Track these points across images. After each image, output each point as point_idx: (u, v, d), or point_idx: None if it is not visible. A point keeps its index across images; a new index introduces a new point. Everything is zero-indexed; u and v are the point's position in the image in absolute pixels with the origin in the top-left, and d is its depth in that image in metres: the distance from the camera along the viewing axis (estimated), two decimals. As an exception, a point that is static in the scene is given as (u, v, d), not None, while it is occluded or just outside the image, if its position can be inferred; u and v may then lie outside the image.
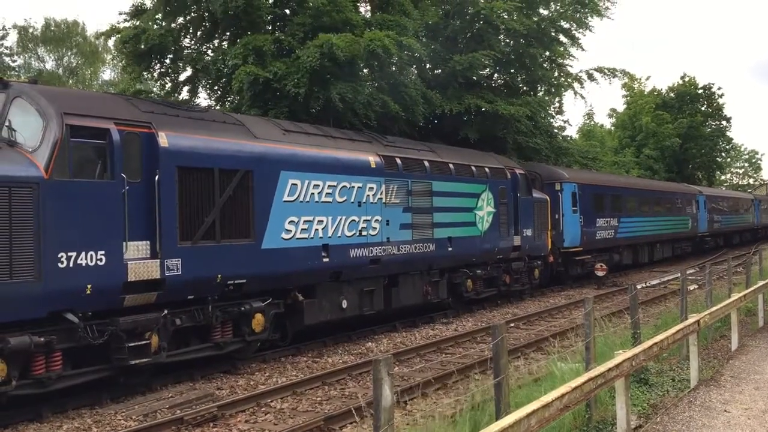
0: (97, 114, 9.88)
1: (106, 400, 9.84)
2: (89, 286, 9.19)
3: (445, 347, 13.83)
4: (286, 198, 12.48)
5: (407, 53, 20.20)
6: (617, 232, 27.73)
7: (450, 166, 17.45)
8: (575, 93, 30.28)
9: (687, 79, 59.84)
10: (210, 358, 11.51)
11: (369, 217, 14.43)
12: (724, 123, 61.25)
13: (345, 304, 13.94)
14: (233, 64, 18.22)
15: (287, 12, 20.43)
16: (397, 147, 16.33)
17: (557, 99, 31.21)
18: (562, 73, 29.83)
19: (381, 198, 14.82)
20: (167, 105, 12.04)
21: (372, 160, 14.83)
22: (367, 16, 21.98)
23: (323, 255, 13.21)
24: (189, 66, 20.76)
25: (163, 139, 10.43)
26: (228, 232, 11.35)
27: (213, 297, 11.13)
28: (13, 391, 8.57)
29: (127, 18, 20.19)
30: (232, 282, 11.31)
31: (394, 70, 20.34)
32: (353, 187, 14.07)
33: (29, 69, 49.98)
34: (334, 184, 13.58)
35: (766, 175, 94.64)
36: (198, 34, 20.87)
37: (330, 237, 13.38)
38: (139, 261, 9.91)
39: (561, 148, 30.29)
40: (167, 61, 20.39)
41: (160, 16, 19.74)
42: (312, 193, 13.05)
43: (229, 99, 20.89)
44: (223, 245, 11.21)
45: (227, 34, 20.56)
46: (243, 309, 11.62)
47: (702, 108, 59.49)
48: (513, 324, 16.19)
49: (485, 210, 18.54)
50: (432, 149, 17.81)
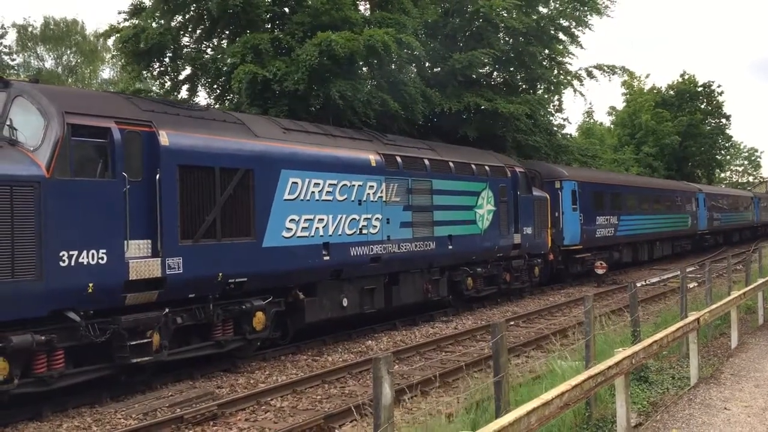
0: (98, 113, 9.90)
1: (106, 398, 9.85)
2: (91, 284, 9.22)
3: (445, 345, 13.86)
4: (286, 196, 12.50)
5: (407, 51, 20.21)
6: (617, 230, 27.75)
7: (450, 164, 17.47)
8: (575, 91, 30.37)
9: (686, 77, 59.86)
10: (210, 356, 11.53)
11: (369, 216, 14.45)
12: (723, 121, 61.31)
13: (346, 302, 13.97)
14: (232, 62, 18.23)
15: (286, 10, 20.43)
16: (398, 145, 16.35)
17: (557, 97, 31.29)
18: (561, 71, 29.87)
19: (381, 196, 14.84)
20: (168, 104, 12.05)
21: (372, 158, 14.85)
22: (367, 14, 22.01)
23: (324, 253, 13.23)
24: (188, 65, 20.76)
25: (164, 138, 10.45)
26: (229, 230, 11.37)
27: (214, 295, 11.15)
28: (16, 390, 8.59)
29: (127, 17, 20.19)
30: (233, 280, 11.33)
31: (393, 68, 20.36)
32: (354, 186, 14.09)
33: (28, 68, 49.93)
34: (334, 182, 13.60)
35: (765, 173, 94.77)
36: (197, 32, 20.87)
37: (331, 235, 13.40)
38: (141, 260, 9.93)
39: (560, 146, 30.33)
40: (166, 60, 20.38)
41: (159, 14, 19.71)
42: (312, 192, 13.07)
43: (229, 98, 20.90)
44: (224, 244, 11.24)
45: (226, 32, 20.56)
46: (244, 307, 11.64)
47: (701, 106, 59.51)
48: (513, 322, 16.21)
49: (485, 208, 18.56)
50: (432, 147, 17.83)
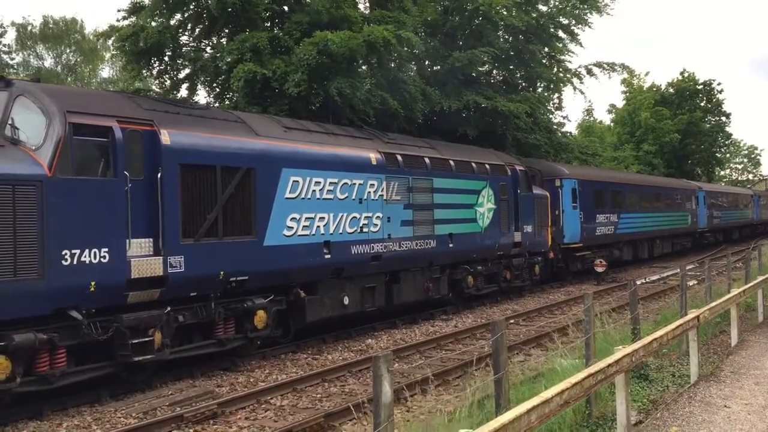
0: (100, 112, 9.92)
1: (105, 397, 9.85)
2: (93, 283, 9.25)
3: (445, 344, 13.86)
4: (287, 195, 12.52)
5: (407, 50, 20.20)
6: (617, 228, 27.77)
7: (450, 162, 17.50)
8: (574, 88, 30.38)
9: (686, 75, 59.86)
10: (210, 355, 11.54)
11: (370, 214, 14.48)
12: (723, 119, 61.30)
13: (347, 300, 14.00)
14: (231, 60, 18.23)
15: (285, 9, 20.43)
16: (398, 144, 16.37)
17: (556, 95, 31.31)
18: (561, 69, 29.89)
19: (382, 195, 14.87)
20: (169, 103, 12.07)
21: (373, 157, 14.87)
22: (366, 12, 22.02)
23: (325, 252, 13.26)
24: (188, 64, 20.76)
25: (166, 137, 10.47)
26: (230, 229, 11.40)
27: (215, 294, 11.18)
28: (18, 389, 8.61)
29: (126, 15, 20.20)
30: (234, 279, 11.35)
31: (393, 66, 20.36)
32: (354, 184, 14.11)
33: (28, 66, 49.93)
34: (335, 181, 13.62)
35: (765, 171, 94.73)
36: (196, 31, 20.87)
37: (331, 234, 13.43)
38: (142, 258, 9.96)
39: (560, 143, 30.35)
40: (166, 59, 20.39)
41: (158, 13, 19.71)
42: (313, 190, 13.10)
43: (228, 96, 20.91)
44: (226, 242, 11.26)
45: (225, 31, 20.57)
46: (245, 306, 11.67)
47: (701, 104, 59.51)
48: (513, 320, 16.23)
49: (486, 206, 18.59)
50: (432, 146, 17.86)
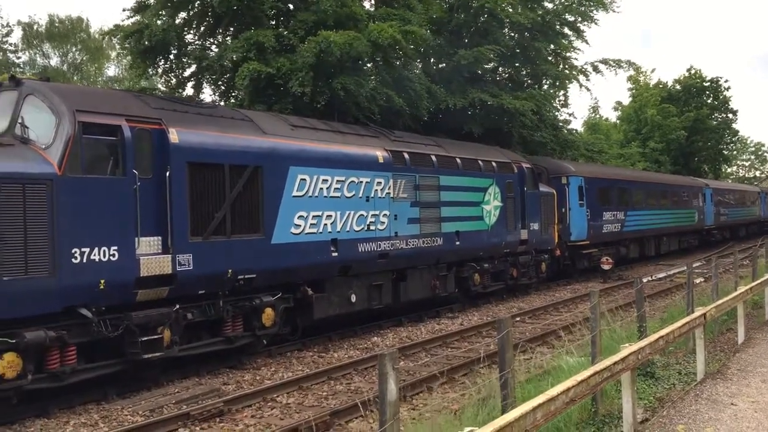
0: (109, 111, 9.98)
1: (112, 395, 9.89)
2: (102, 281, 9.32)
3: (451, 341, 13.87)
4: (295, 193, 12.57)
5: (412, 47, 20.17)
6: (624, 225, 27.74)
7: (457, 160, 17.53)
8: (580, 86, 30.30)
9: (693, 72, 59.65)
10: (216, 353, 11.55)
11: (377, 212, 14.52)
12: (730, 116, 61.08)
13: (354, 298, 14.04)
14: (236, 58, 18.26)
15: (290, 7, 20.46)
16: (405, 142, 16.41)
17: (562, 92, 31.26)
18: (566, 66, 29.82)
19: (389, 193, 14.91)
20: (177, 101, 12.13)
21: (380, 155, 14.91)
22: (372, 10, 22.02)
23: (332, 250, 13.31)
24: (193, 62, 20.81)
25: (174, 135, 10.53)
26: (238, 227, 11.45)
27: (224, 292, 11.24)
28: (29, 386, 8.70)
29: (131, 14, 20.28)
30: (242, 277, 11.41)
31: (398, 64, 20.35)
32: (361, 182, 14.16)
33: (34, 65, 50.10)
34: (342, 179, 13.67)
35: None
36: (201, 29, 20.91)
37: (339, 232, 13.48)
38: (151, 256, 10.03)
39: (566, 141, 30.32)
40: (171, 57, 20.44)
41: (162, 11, 19.77)
42: (321, 188, 13.15)
43: (233, 94, 20.95)
44: (234, 240, 11.32)
45: (230, 29, 20.60)
46: (253, 304, 11.72)
47: (708, 101, 59.30)
48: (519, 318, 16.26)
49: (492, 204, 18.61)
50: (439, 144, 17.88)
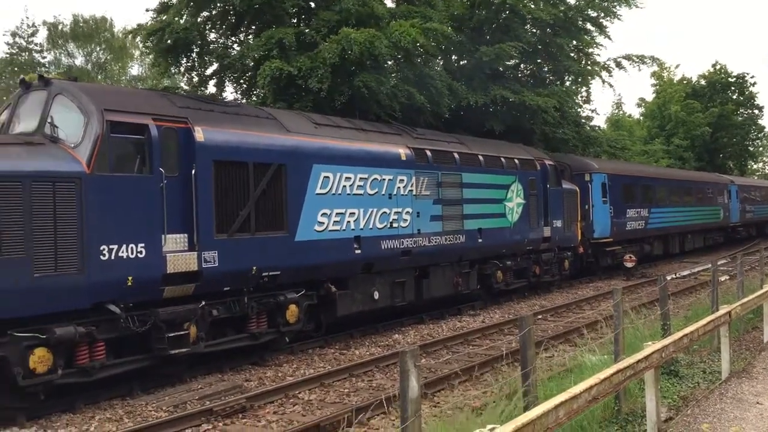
0: (136, 110, 10.13)
1: (137, 391, 10.02)
2: (130, 277, 9.48)
3: (473, 339, 13.87)
4: (318, 191, 12.67)
5: (434, 44, 20.14)
6: (648, 222, 27.54)
7: (479, 157, 17.53)
8: (603, 82, 30.06)
9: (718, 67, 58.91)
10: (238, 349, 11.63)
11: (400, 209, 14.58)
12: (756, 112, 60.25)
13: (377, 295, 14.11)
14: (258, 56, 18.37)
15: (312, 5, 20.54)
16: (427, 139, 16.44)
17: (584, 88, 31.04)
18: (589, 62, 29.59)
19: (411, 190, 14.96)
20: (202, 100, 12.27)
21: (402, 152, 14.96)
22: (393, 7, 22.02)
23: (355, 247, 13.40)
24: (215, 60, 20.96)
25: (200, 134, 10.66)
26: (262, 224, 11.57)
27: (248, 288, 11.36)
28: (59, 380, 8.88)
29: (154, 15, 20.47)
30: (266, 274, 11.52)
31: (419, 61, 20.33)
32: (384, 180, 14.22)
33: (59, 65, 50.76)
34: (365, 176, 13.74)
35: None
36: (223, 28, 21.03)
37: (362, 229, 13.56)
38: (178, 253, 10.17)
39: (589, 137, 30.09)
40: (193, 56, 20.58)
41: (184, 11, 19.94)
42: (344, 186, 13.23)
43: (255, 92, 21.06)
44: (258, 238, 11.44)
45: (252, 27, 20.72)
46: (278, 300, 11.84)
47: (733, 96, 58.53)
48: (540, 316, 16.22)
49: (515, 201, 18.59)
50: (461, 141, 17.89)
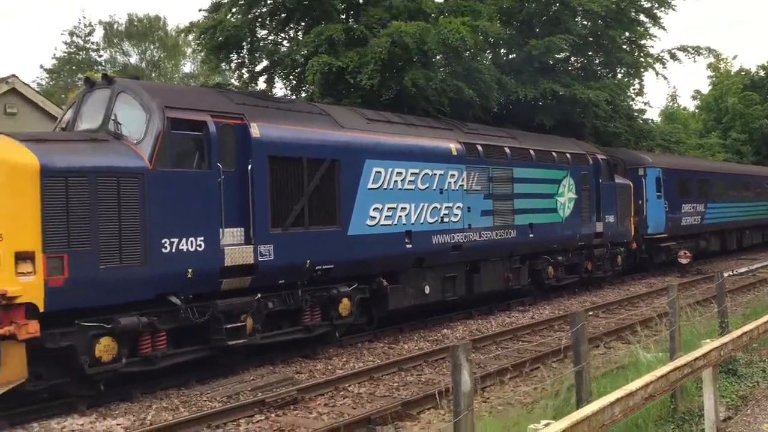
0: (195, 107, 10.40)
1: (192, 381, 10.25)
2: (190, 270, 9.74)
3: (522, 335, 13.80)
4: (370, 186, 12.80)
5: (482, 37, 20.02)
6: (704, 218, 26.96)
7: (531, 152, 17.43)
8: (657, 74, 29.40)
9: (778, 57, 57.03)
10: (289, 342, 11.79)
11: (451, 204, 14.62)
12: (819, 102, 58.06)
13: (428, 289, 14.17)
14: (307, 53, 18.56)
15: (360, 1, 20.64)
16: (478, 134, 16.42)
17: (637, 81, 30.42)
18: (642, 54, 28.98)
19: (462, 185, 14.97)
20: (258, 97, 12.53)
21: (453, 147, 14.98)
22: (441, 2, 21.96)
23: (406, 241, 13.49)
24: (265, 57, 21.21)
25: (255, 130, 10.89)
26: (316, 219, 11.75)
27: (302, 282, 11.54)
28: (124, 368, 9.21)
29: (206, 15, 20.81)
30: (320, 267, 11.70)
31: (467, 55, 20.24)
32: (435, 175, 14.27)
33: (114, 63, 52.19)
34: (416, 171, 13.82)
35: None
36: (273, 24, 21.28)
37: (413, 224, 13.64)
38: (235, 247, 10.41)
39: (642, 131, 29.52)
40: (244, 52, 20.89)
41: (236, 9, 20.27)
42: (395, 181, 13.33)
43: (304, 88, 21.28)
44: (312, 232, 11.63)
45: (301, 24, 20.91)
46: (331, 293, 12.02)
47: (795, 87, 56.52)
48: (591, 312, 16.02)
49: (567, 196, 18.44)
50: (512, 135, 17.81)
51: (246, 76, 21.76)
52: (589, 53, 27.03)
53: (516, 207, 16.55)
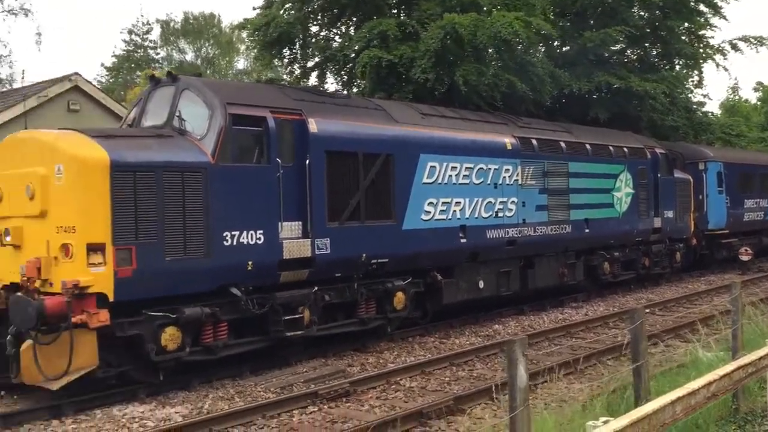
0: (255, 103, 10.62)
1: (246, 372, 10.41)
2: (250, 262, 9.98)
3: (575, 332, 13.63)
4: (425, 180, 12.84)
5: (534, 32, 19.81)
6: (767, 213, 26.21)
7: (587, 146, 17.22)
8: (717, 65, 28.57)
9: None
10: (342, 335, 11.91)
11: (505, 199, 14.57)
12: None
13: (482, 284, 14.16)
14: (359, 48, 18.65)
15: None
16: (533, 128, 16.30)
17: (696, 72, 29.61)
18: (701, 45, 28.21)
19: (517, 179, 14.91)
20: (315, 92, 12.70)
21: (508, 141, 14.92)
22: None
23: (461, 236, 13.51)
24: (317, 53, 21.36)
25: (313, 125, 11.05)
26: (371, 213, 11.85)
27: (358, 275, 11.66)
28: (187, 357, 9.51)
29: (260, 11, 21.03)
30: (375, 261, 11.80)
31: (520, 49, 20.05)
32: (489, 169, 14.24)
33: (171, 61, 53.37)
34: (471, 166, 13.81)
35: None
36: (325, 20, 21.41)
37: (467, 218, 13.65)
38: (293, 240, 10.60)
39: (701, 124, 28.78)
40: (296, 48, 21.09)
41: (288, 5, 20.47)
42: (450, 175, 13.34)
43: (355, 83, 21.39)
44: (367, 226, 11.74)
45: (353, 19, 21.00)
46: (386, 287, 12.12)
47: None
48: (648, 310, 15.70)
49: (623, 191, 18.16)
50: (568, 129, 17.62)
51: (298, 72, 22.00)
52: (646, 45, 26.44)
53: (571, 202, 16.38)
